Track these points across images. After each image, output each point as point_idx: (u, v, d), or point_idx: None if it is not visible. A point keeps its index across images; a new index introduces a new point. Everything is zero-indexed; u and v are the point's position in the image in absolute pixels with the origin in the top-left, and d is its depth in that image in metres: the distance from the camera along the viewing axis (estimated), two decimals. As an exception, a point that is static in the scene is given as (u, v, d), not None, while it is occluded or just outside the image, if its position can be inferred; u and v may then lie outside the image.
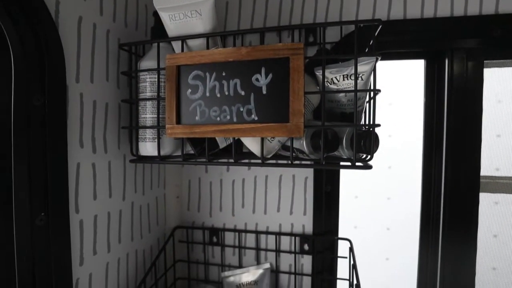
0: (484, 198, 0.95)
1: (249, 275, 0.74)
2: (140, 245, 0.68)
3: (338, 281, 0.74)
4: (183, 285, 0.81)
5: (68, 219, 0.47)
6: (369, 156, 0.47)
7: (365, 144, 0.47)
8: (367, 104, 0.53)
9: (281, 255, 0.75)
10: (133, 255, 0.65)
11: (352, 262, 0.65)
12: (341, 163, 0.48)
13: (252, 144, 0.49)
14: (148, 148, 0.54)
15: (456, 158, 0.86)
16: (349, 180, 1.82)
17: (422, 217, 1.00)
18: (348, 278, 0.70)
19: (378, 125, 0.44)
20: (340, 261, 0.74)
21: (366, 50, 0.57)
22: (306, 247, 0.73)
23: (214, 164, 0.52)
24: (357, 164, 0.45)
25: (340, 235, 0.74)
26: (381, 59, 0.78)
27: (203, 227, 0.79)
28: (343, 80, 0.48)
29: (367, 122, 0.52)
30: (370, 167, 0.45)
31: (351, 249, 0.68)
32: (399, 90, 1.77)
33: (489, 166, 0.94)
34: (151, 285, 0.66)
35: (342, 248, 0.74)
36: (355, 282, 0.59)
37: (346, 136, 0.49)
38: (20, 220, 0.43)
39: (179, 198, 0.81)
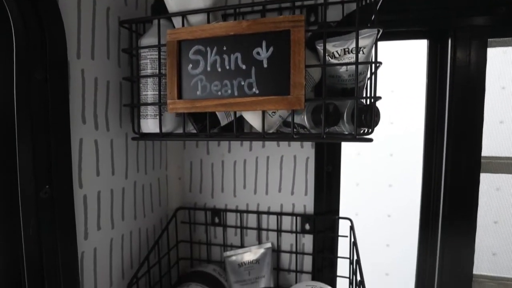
0: (486, 181, 0.95)
1: (250, 254, 0.75)
2: (143, 224, 0.68)
3: (338, 259, 0.75)
4: (185, 265, 0.82)
5: (72, 193, 0.48)
6: (370, 130, 0.47)
7: (366, 118, 0.47)
8: (368, 81, 0.53)
9: (282, 235, 0.76)
10: (136, 233, 0.66)
11: (352, 240, 0.65)
12: (342, 138, 0.48)
13: (253, 118, 0.50)
14: (149, 125, 0.55)
15: (458, 141, 0.86)
16: (350, 167, 1.83)
17: (422, 203, 1.01)
18: (348, 256, 0.71)
19: (379, 98, 0.44)
20: (340, 241, 0.75)
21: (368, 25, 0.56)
22: (307, 226, 0.74)
23: (215, 139, 0.52)
24: (358, 137, 0.45)
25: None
26: (383, 40, 0.77)
27: (205, 208, 0.80)
28: (344, 54, 0.47)
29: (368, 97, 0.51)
30: (370, 140, 0.45)
31: (351, 228, 0.68)
32: (401, 77, 1.76)
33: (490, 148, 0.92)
34: (154, 263, 0.67)
35: (343, 229, 0.74)
36: (355, 258, 0.60)
37: (347, 111, 0.49)
38: (25, 193, 0.43)
39: (181, 179, 0.82)
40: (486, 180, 1.00)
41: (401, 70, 1.72)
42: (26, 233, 0.44)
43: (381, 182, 1.87)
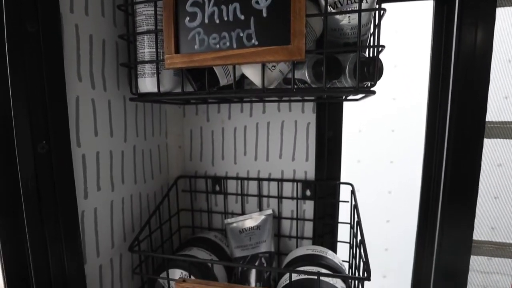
0: (487, 162, 0.94)
1: (251, 221, 0.75)
2: (144, 190, 0.68)
3: (339, 225, 0.75)
4: (187, 233, 0.83)
5: (70, 150, 0.48)
6: (372, 84, 0.46)
7: (368, 70, 0.45)
8: (371, 38, 0.52)
9: (283, 201, 0.76)
10: (137, 197, 0.66)
11: (354, 203, 0.65)
12: (344, 90, 0.47)
13: (253, 73, 0.48)
14: (147, 84, 0.53)
15: (461, 116, 0.84)
16: (351, 144, 1.82)
17: (423, 179, 0.99)
18: (349, 221, 0.71)
19: (383, 47, 0.43)
20: (341, 207, 0.75)
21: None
22: (308, 192, 0.73)
23: (214, 96, 0.51)
24: (360, 88, 0.43)
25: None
26: (388, 1, 0.74)
27: (206, 176, 0.80)
28: (347, 4, 0.46)
29: (371, 52, 0.50)
30: (373, 92, 0.44)
31: (352, 192, 0.68)
32: (404, 51, 1.72)
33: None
34: (155, 228, 0.68)
35: (344, 196, 0.74)
36: (356, 220, 0.60)
37: (349, 64, 0.48)
38: (22, 147, 0.43)
39: (181, 148, 0.81)
40: (488, 156, 0.99)
41: (404, 44, 1.69)
42: (25, 187, 0.43)
43: (383, 159, 1.86)
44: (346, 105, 0.81)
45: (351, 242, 0.69)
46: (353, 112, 1.81)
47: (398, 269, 1.91)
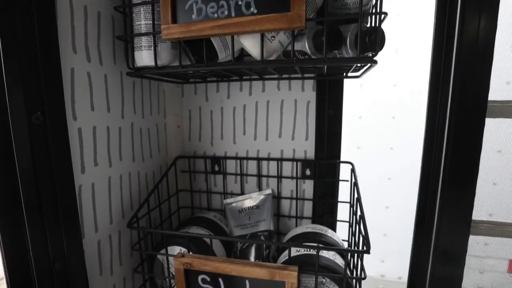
0: (487, 147, 0.93)
1: (251, 201, 0.75)
2: (142, 169, 0.68)
3: (339, 205, 0.75)
4: (186, 213, 0.83)
5: (66, 122, 0.47)
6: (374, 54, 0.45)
7: (370, 39, 0.44)
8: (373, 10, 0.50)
9: (282, 181, 0.75)
10: (135, 176, 0.65)
11: (353, 181, 0.65)
12: (345, 60, 0.45)
13: (252, 45, 0.47)
14: (144, 57, 0.52)
15: (462, 102, 0.82)
16: (351, 131, 1.81)
17: (423, 165, 0.99)
18: (349, 201, 0.71)
19: (385, 14, 0.42)
20: (341, 187, 0.75)
21: None
22: (308, 172, 0.73)
23: (212, 68, 0.50)
24: (361, 57, 0.42)
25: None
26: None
27: (205, 156, 0.79)
28: (349, -30, 0.44)
29: (373, 21, 0.49)
30: (374, 61, 0.43)
31: (352, 170, 0.67)
32: (406, 36, 1.70)
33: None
34: (154, 207, 0.67)
35: (344, 175, 0.74)
36: (355, 196, 0.60)
37: (350, 36, 0.47)
38: (16, 117, 0.42)
39: (180, 127, 0.80)
40: (488, 141, 0.98)
41: (407, 28, 1.66)
42: (20, 159, 0.43)
43: (383, 145, 1.86)
44: (347, 91, 0.80)
45: (351, 221, 0.69)
46: (354, 98, 1.80)
47: (397, 254, 1.93)
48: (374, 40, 0.44)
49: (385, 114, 1.81)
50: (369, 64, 0.49)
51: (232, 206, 0.76)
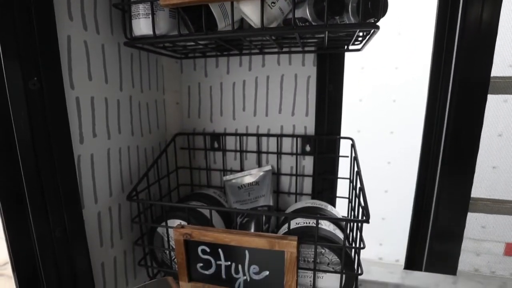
0: (488, 131, 0.93)
1: (250, 177, 0.75)
2: (141, 143, 0.67)
3: (338, 183, 0.75)
4: (186, 191, 0.83)
5: (63, 90, 0.46)
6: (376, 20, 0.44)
7: (372, 5, 0.43)
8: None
9: (282, 157, 0.75)
10: (134, 150, 0.65)
11: (354, 155, 0.65)
12: (347, 25, 0.45)
13: (252, 10, 0.46)
14: (142, 26, 0.51)
15: (464, 87, 0.81)
16: (350, 115, 1.80)
17: (423, 149, 0.98)
18: (349, 177, 0.71)
19: (389, -24, 0.41)
20: (341, 164, 0.75)
21: None
22: (307, 148, 0.73)
23: (211, 36, 0.49)
24: (363, 22, 0.41)
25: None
26: None
27: (204, 133, 0.79)
28: None
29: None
30: (377, 27, 0.42)
31: (352, 146, 0.67)
32: (409, 18, 1.67)
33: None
34: (153, 182, 0.67)
35: (344, 151, 0.73)
36: (355, 170, 0.60)
37: (352, 2, 0.46)
38: (13, 82, 0.41)
39: (179, 104, 0.79)
40: (488, 126, 0.98)
41: (410, 10, 1.63)
42: (17, 125, 0.42)
43: (383, 129, 1.85)
44: (347, 74, 0.78)
45: (350, 197, 0.69)
46: (354, 81, 1.78)
47: (395, 238, 1.95)
48: (376, 5, 0.43)
49: (386, 98, 1.80)
50: (371, 32, 0.49)
51: (231, 183, 0.76)
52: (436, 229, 0.89)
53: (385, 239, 2.05)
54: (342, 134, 0.73)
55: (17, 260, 0.46)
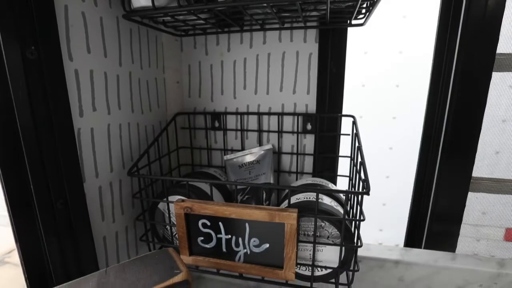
0: (488, 117, 0.92)
1: (251, 156, 0.75)
2: (142, 121, 0.67)
3: (339, 162, 0.75)
4: (187, 170, 0.83)
5: (61, 60, 0.46)
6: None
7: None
8: None
9: (283, 136, 0.75)
10: (134, 127, 0.65)
11: (355, 132, 0.64)
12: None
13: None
14: (140, -3, 0.50)
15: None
16: (352, 99, 1.78)
17: (424, 133, 0.97)
18: (350, 155, 0.70)
19: None
20: (342, 143, 0.75)
21: None
22: (309, 126, 0.72)
23: (210, 7, 0.48)
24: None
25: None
26: None
27: (205, 112, 0.79)
28: None
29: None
30: (380, -7, 0.41)
31: (354, 123, 0.67)
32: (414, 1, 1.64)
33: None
34: (154, 159, 0.67)
35: (345, 129, 0.73)
36: (357, 145, 0.60)
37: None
38: (9, 52, 0.41)
39: (179, 83, 0.79)
40: (490, 114, 0.97)
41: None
42: (16, 95, 0.42)
43: (385, 114, 1.84)
44: (350, 58, 0.77)
45: (351, 175, 0.69)
46: (357, 66, 1.76)
47: (395, 223, 1.96)
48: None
49: (389, 83, 1.78)
50: (374, 1, 0.48)
51: (232, 162, 0.76)
52: (436, 210, 0.89)
53: (385, 225, 2.06)
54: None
55: (20, 231, 0.46)
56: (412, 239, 0.93)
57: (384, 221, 2.06)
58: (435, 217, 0.89)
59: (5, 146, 0.43)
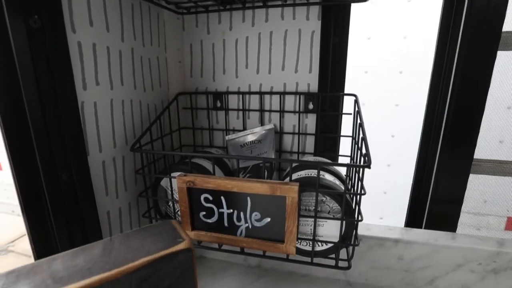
0: (490, 105, 0.91)
1: (253, 135, 0.75)
2: (144, 99, 0.67)
3: (341, 142, 0.75)
4: (188, 151, 0.83)
5: (64, 31, 0.46)
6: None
7: None
8: None
9: (285, 116, 0.75)
10: (137, 104, 0.65)
11: (357, 109, 0.64)
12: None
13: None
14: (142, -31, 0.50)
15: (468, 60, 0.79)
16: (356, 87, 1.78)
17: (425, 121, 0.97)
18: (351, 135, 0.70)
19: None
20: (344, 124, 0.75)
21: None
22: (310, 105, 0.72)
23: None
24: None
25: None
26: None
27: (207, 92, 0.79)
28: None
29: None
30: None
31: (356, 101, 0.67)
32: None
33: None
34: (156, 138, 0.67)
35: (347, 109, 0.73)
36: (358, 122, 0.60)
37: None
38: (14, 20, 0.41)
39: (181, 63, 0.79)
40: (492, 102, 0.96)
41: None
42: (20, 63, 0.42)
43: (388, 102, 1.83)
44: (353, 43, 0.75)
45: (352, 154, 0.69)
46: (360, 51, 1.75)
47: (396, 211, 1.97)
48: None
49: (392, 69, 1.77)
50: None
51: (234, 141, 0.76)
52: (437, 193, 0.89)
53: (386, 213, 2.07)
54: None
55: (26, 203, 0.47)
56: (412, 222, 0.93)
57: (385, 209, 2.07)
58: (435, 200, 0.89)
59: (11, 116, 0.43)
